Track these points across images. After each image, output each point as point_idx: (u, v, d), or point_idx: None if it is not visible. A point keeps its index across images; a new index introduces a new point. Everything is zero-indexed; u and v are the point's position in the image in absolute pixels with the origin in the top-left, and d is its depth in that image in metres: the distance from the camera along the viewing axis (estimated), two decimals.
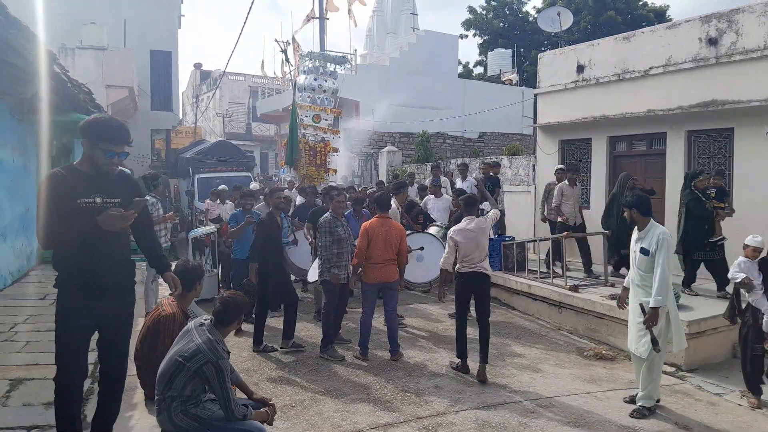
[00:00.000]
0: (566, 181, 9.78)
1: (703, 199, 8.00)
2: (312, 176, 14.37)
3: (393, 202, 8.65)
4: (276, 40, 15.18)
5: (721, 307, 7.21)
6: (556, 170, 10.48)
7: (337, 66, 16.11)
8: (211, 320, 3.72)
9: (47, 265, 9.44)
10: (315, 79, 14.95)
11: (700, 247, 8.05)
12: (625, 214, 5.69)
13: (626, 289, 5.73)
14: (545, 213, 10.42)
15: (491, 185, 10.88)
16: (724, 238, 7.99)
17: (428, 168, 17.21)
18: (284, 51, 15.83)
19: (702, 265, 8.16)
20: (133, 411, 4.07)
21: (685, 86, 9.58)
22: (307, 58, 15.56)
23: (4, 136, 8.23)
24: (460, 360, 6.42)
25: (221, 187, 11.45)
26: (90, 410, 4.02)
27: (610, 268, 9.07)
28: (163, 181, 16.07)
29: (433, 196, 10.51)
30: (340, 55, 16.43)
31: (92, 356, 3.75)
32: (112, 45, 20.15)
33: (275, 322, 7.65)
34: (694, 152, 9.76)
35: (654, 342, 5.19)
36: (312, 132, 14.85)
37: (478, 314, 6.43)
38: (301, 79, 15.12)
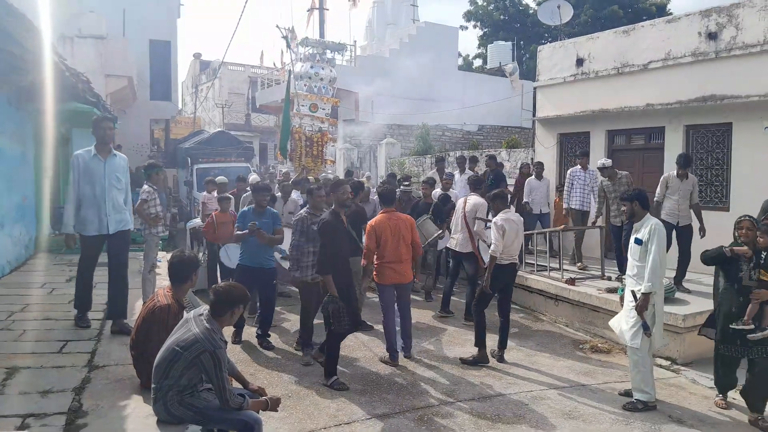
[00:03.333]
0: (673, 173, 8.14)
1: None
2: (308, 168, 14.25)
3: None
4: (277, 26, 14.75)
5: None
6: (599, 166, 9.03)
7: (336, 54, 15.89)
8: (209, 311, 3.73)
9: (46, 254, 9.48)
10: (312, 67, 14.72)
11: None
12: (623, 208, 5.77)
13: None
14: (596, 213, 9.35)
15: (494, 180, 10.53)
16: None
17: (426, 161, 17.20)
18: (286, 37, 15.40)
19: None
20: (129, 400, 4.08)
21: (684, 81, 9.56)
22: (303, 45, 15.34)
23: (2, 125, 8.21)
24: (478, 351, 6.47)
25: (219, 178, 9.85)
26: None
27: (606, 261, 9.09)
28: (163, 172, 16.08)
29: (440, 191, 9.75)
30: (338, 43, 16.23)
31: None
32: (111, 34, 20.08)
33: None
34: (693, 147, 9.75)
35: (645, 326, 5.30)
36: (309, 122, 14.59)
37: (504, 305, 6.66)
38: (298, 67, 14.90)
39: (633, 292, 5.43)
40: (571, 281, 8.38)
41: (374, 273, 6.40)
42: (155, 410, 3.64)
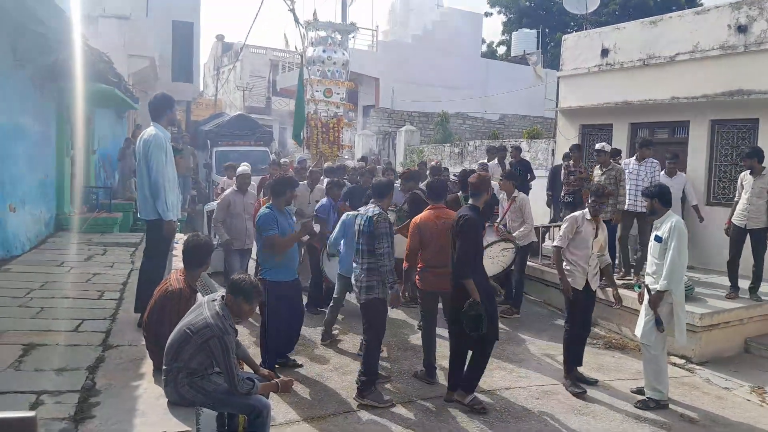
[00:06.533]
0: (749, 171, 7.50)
1: None
2: (326, 154, 14.18)
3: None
4: None
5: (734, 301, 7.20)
6: (598, 148, 8.36)
7: (351, 38, 15.60)
8: (222, 297, 3.75)
9: (65, 232, 9.60)
10: (324, 51, 14.55)
11: None
12: (645, 204, 5.70)
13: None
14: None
15: (521, 170, 10.15)
16: None
17: (446, 149, 17.08)
18: (292, 10, 14.78)
19: None
20: (141, 380, 4.12)
21: (711, 74, 9.35)
22: (312, 29, 15.08)
23: (25, 104, 8.30)
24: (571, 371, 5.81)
25: (243, 168, 8.18)
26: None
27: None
28: (186, 153, 16.10)
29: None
30: (349, 24, 15.91)
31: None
32: (134, 14, 20.14)
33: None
34: (717, 142, 9.56)
35: (658, 322, 5.26)
36: (324, 107, 14.40)
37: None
38: (310, 52, 14.72)
39: (648, 289, 5.38)
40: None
41: (417, 278, 5.74)
42: (166, 392, 3.68)
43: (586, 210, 5.77)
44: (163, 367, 3.69)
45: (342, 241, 6.43)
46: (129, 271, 7.21)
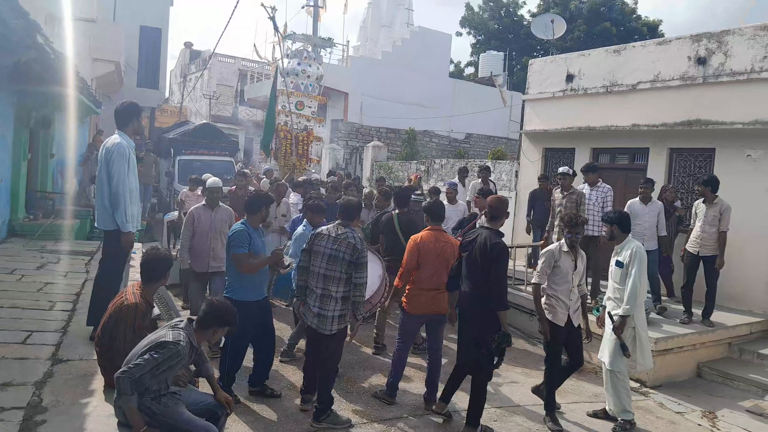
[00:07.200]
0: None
1: None
2: (295, 166, 14.13)
3: None
4: (262, 5, 13.65)
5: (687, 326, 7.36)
6: (562, 171, 8.32)
7: (325, 52, 15.70)
8: (193, 321, 3.73)
9: (18, 238, 9.29)
10: (299, 64, 14.58)
11: None
12: (604, 230, 5.74)
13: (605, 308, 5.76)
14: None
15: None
16: None
17: (412, 166, 17.16)
18: (272, 18, 14.70)
19: None
20: (91, 398, 3.98)
21: (671, 103, 9.63)
22: (290, 41, 15.09)
23: None
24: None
25: (213, 180, 7.10)
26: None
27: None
28: (148, 161, 15.78)
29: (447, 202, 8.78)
30: (325, 38, 16.02)
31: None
32: (101, 17, 19.79)
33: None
34: (675, 170, 9.83)
35: (624, 348, 5.30)
36: (295, 120, 14.40)
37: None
38: (284, 63, 14.71)
39: (610, 314, 5.45)
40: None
41: (404, 300, 5.54)
42: (116, 411, 3.56)
43: (563, 241, 5.52)
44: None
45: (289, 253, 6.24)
46: (83, 281, 7.01)
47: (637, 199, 8.12)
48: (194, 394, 3.89)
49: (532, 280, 5.61)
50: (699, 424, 5.85)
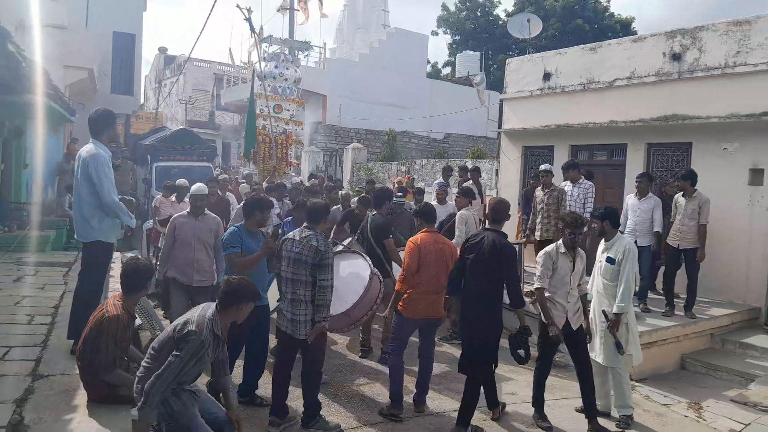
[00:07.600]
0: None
1: None
2: (275, 169, 14.02)
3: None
4: (238, 6, 13.43)
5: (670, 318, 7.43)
6: (543, 169, 8.38)
7: (301, 54, 15.59)
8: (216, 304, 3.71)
9: None
10: (276, 67, 14.47)
11: None
12: (594, 225, 5.70)
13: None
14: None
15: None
16: None
17: (393, 167, 17.16)
18: (248, 19, 14.44)
19: None
20: (74, 413, 3.89)
21: (648, 99, 9.73)
22: (267, 44, 14.96)
23: None
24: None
25: (180, 181, 8.58)
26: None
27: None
28: (125, 169, 15.54)
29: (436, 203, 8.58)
30: (303, 41, 15.92)
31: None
32: (73, 24, 19.47)
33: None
34: (653, 165, 9.94)
35: (618, 345, 5.32)
36: (273, 123, 14.27)
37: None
38: (262, 66, 14.58)
39: (605, 312, 5.44)
40: (530, 294, 8.37)
41: (400, 304, 5.34)
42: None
43: (559, 242, 5.37)
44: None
45: None
46: (62, 294, 6.88)
47: (634, 194, 8.15)
48: (209, 402, 3.83)
49: (535, 286, 5.42)
50: (685, 416, 5.90)
